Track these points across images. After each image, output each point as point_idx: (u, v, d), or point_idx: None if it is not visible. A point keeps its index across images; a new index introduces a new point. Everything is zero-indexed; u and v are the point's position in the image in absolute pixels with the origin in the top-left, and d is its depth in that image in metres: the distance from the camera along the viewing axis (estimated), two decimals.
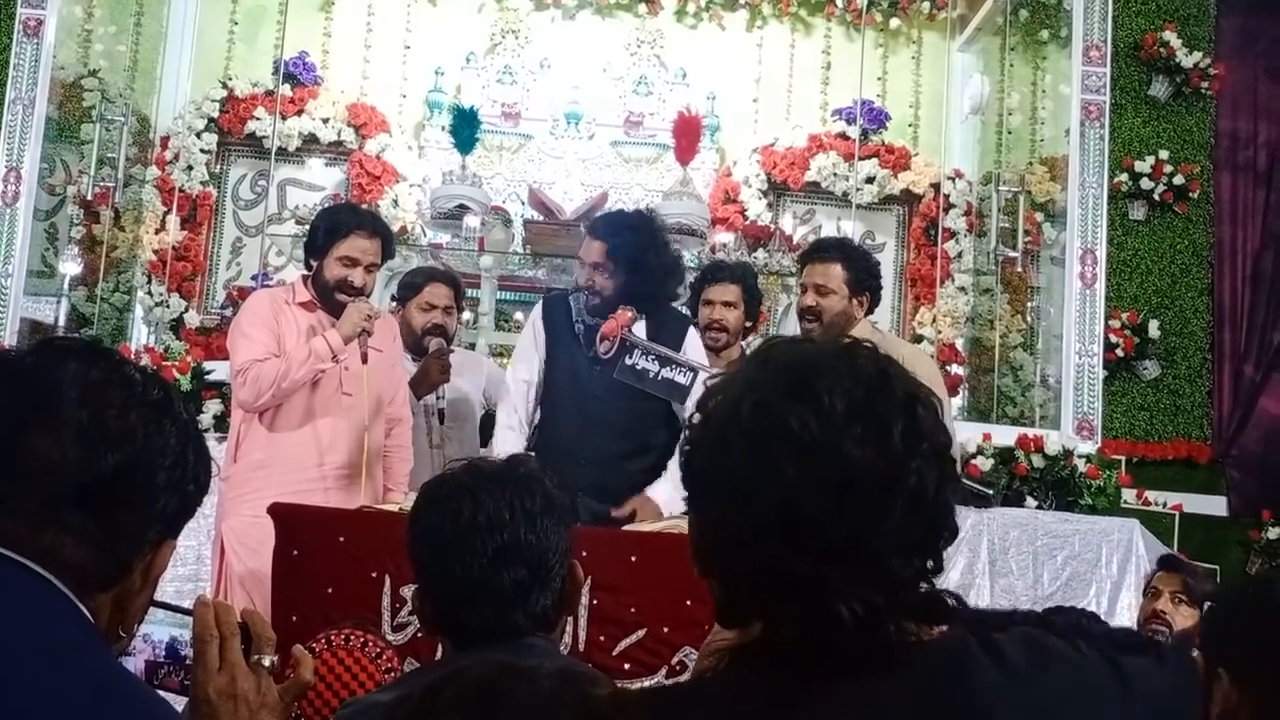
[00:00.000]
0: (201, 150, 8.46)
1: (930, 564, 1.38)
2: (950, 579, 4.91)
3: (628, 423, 4.41)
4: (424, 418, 5.10)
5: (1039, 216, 8.31)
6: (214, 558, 4.61)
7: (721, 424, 1.39)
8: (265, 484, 4.32)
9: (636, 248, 4.52)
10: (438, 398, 5.13)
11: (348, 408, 4.50)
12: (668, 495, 4.30)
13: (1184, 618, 4.14)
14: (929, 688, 1.37)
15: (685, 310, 5.24)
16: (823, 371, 1.35)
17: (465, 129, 7.71)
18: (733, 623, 1.44)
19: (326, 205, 8.13)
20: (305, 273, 4.70)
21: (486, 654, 1.84)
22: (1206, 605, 2.78)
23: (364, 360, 4.42)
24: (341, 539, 3.76)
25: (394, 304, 5.59)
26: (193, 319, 8.18)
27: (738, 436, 1.36)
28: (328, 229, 4.57)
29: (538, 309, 4.75)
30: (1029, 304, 8.52)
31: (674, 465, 4.38)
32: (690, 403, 4.32)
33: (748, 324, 5.37)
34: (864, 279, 4.89)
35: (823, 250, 5.03)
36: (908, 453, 1.33)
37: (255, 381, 4.35)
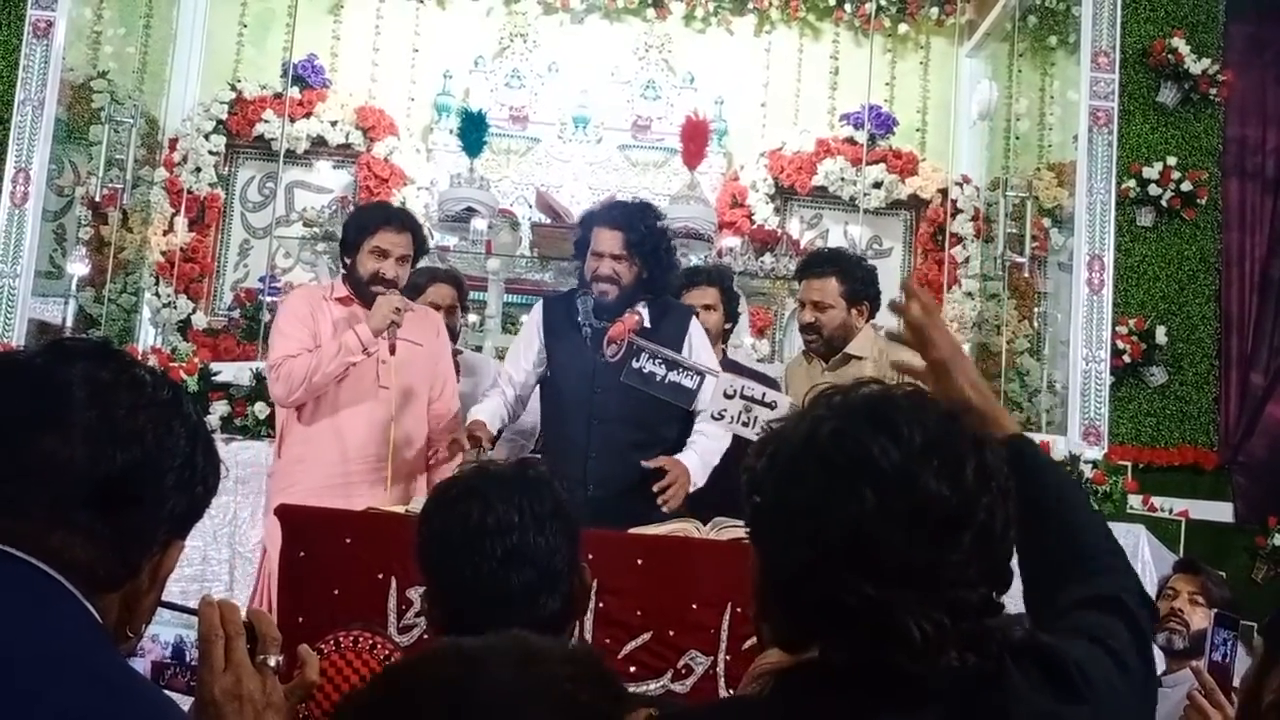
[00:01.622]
0: (210, 152, 8.48)
1: (992, 597, 1.43)
2: None
3: (639, 415, 4.40)
4: None
5: (1046, 222, 8.30)
6: (261, 555, 4.74)
7: (794, 454, 1.43)
8: (304, 477, 4.46)
9: (654, 237, 4.61)
10: None
11: (385, 401, 4.56)
12: (695, 464, 4.35)
13: (1201, 619, 4.15)
14: (969, 716, 1.42)
15: None
16: (900, 406, 1.42)
17: (473, 132, 7.71)
18: (794, 649, 1.48)
19: (333, 207, 8.15)
20: (343, 271, 4.78)
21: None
22: (1215, 611, 2.77)
23: (391, 351, 4.47)
24: (348, 540, 3.76)
25: None
26: (200, 320, 8.18)
27: (815, 464, 1.40)
28: (358, 225, 4.67)
29: (538, 309, 4.78)
30: (1036, 310, 8.51)
31: (703, 443, 4.41)
32: (699, 402, 4.33)
33: (727, 325, 5.40)
34: (860, 289, 4.91)
35: (816, 265, 5.04)
36: (979, 490, 1.39)
37: (288, 377, 4.46)
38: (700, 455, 4.40)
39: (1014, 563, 1.53)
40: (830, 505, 1.37)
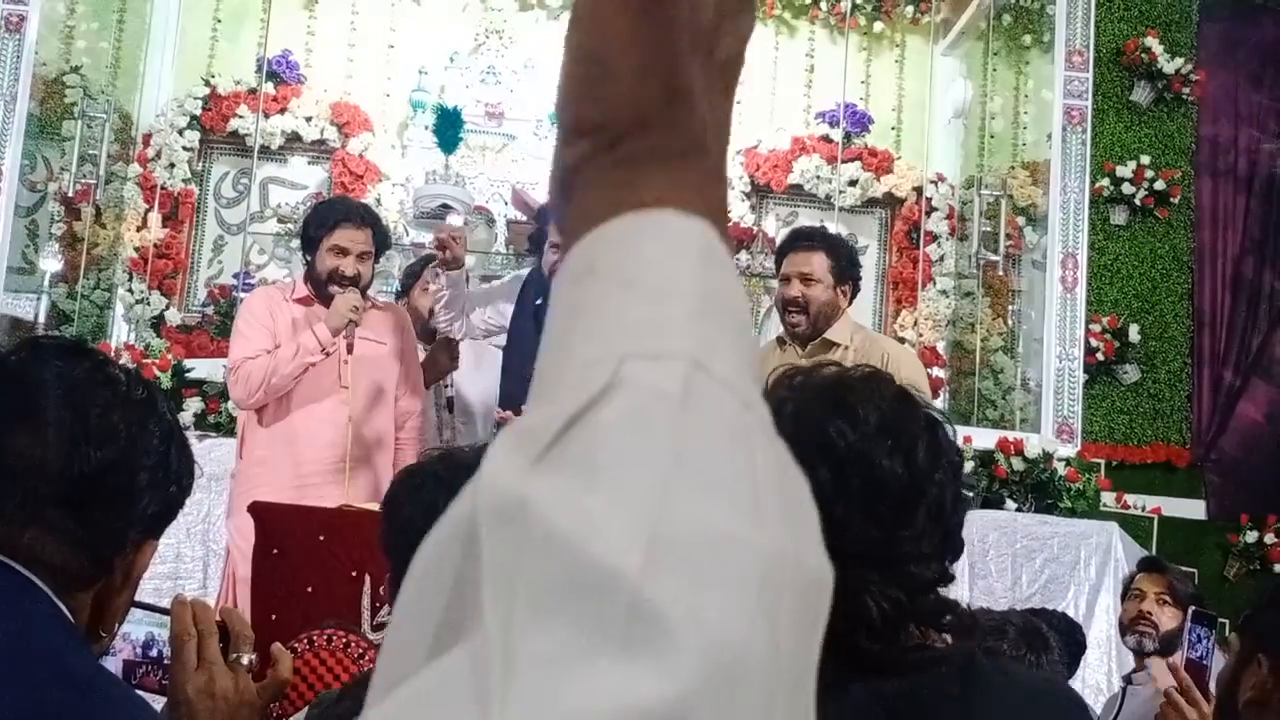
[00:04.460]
0: (184, 148, 8.43)
1: (945, 569, 1.49)
2: None
3: None
4: (433, 410, 5.10)
5: (1020, 220, 8.32)
6: (225, 557, 4.70)
7: None
8: (267, 479, 4.41)
9: None
10: (445, 386, 5.13)
11: (346, 401, 4.54)
12: None
13: (1169, 619, 4.14)
14: (936, 695, 1.46)
15: None
16: (855, 389, 1.48)
17: (448, 129, 7.69)
18: None
19: (308, 203, 8.12)
20: (305, 268, 4.75)
21: None
22: (1191, 609, 2.78)
23: (349, 350, 4.45)
24: (321, 538, 3.76)
25: (401, 297, 5.62)
26: (173, 317, 8.14)
27: None
28: (317, 222, 4.63)
29: (524, 274, 4.75)
30: (1010, 307, 8.54)
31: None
32: None
33: None
34: (847, 268, 4.68)
35: (805, 238, 4.79)
36: (930, 468, 1.45)
37: (246, 379, 4.44)
38: None
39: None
40: None
